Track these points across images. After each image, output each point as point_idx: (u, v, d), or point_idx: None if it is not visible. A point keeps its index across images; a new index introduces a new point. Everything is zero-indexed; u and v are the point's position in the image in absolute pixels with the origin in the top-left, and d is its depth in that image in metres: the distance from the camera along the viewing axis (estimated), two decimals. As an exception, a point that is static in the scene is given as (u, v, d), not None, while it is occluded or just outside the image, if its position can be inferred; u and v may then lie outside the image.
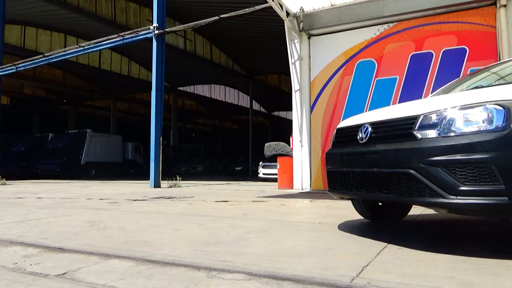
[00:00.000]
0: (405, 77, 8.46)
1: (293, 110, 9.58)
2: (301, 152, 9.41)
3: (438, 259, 2.34)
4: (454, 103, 2.50)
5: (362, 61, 8.97)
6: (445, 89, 4.05)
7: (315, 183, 9.22)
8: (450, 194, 2.30)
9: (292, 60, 9.47)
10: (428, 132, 2.48)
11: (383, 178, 2.70)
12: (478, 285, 1.85)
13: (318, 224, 3.81)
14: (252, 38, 22.37)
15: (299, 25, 9.46)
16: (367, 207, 3.72)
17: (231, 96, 36.91)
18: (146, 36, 12.10)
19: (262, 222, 3.97)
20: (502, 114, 2.27)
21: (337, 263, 2.29)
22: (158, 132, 11.38)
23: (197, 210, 5.22)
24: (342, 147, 3.34)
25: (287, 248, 2.72)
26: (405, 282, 1.90)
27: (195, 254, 2.56)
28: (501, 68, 3.96)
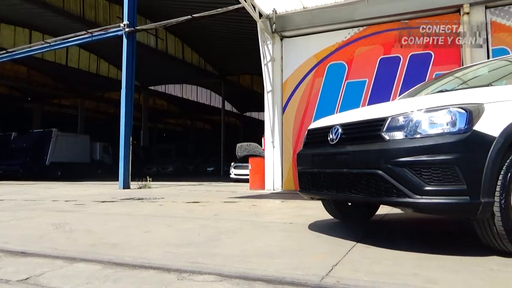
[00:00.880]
0: (374, 80, 8.68)
1: (265, 111, 9.62)
2: (273, 152, 9.45)
3: (404, 257, 2.41)
4: (420, 106, 2.58)
5: (333, 64, 9.13)
6: (411, 92, 4.18)
7: (286, 183, 9.29)
8: (415, 194, 2.37)
9: (265, 61, 9.51)
10: (395, 133, 2.55)
11: (353, 178, 2.76)
12: (441, 281, 1.92)
13: (289, 224, 3.84)
14: (225, 38, 22.29)
15: (271, 27, 9.51)
16: (337, 207, 3.78)
17: (203, 96, 36.62)
18: (116, 34, 11.81)
19: (233, 223, 3.96)
20: (464, 117, 2.36)
21: (308, 263, 2.31)
22: (128, 132, 11.14)
23: (167, 211, 5.15)
24: (313, 148, 3.38)
25: (259, 249, 2.72)
26: (373, 280, 1.94)
27: (165, 256, 2.52)
28: (464, 73, 4.13)
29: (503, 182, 2.30)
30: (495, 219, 2.29)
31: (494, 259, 2.32)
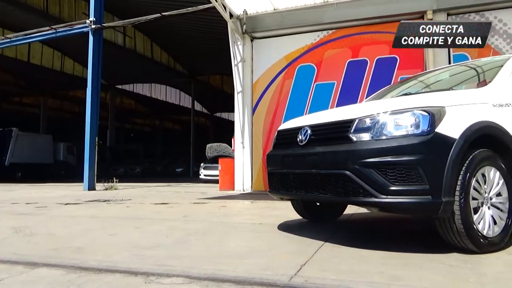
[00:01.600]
0: (342, 82, 8.86)
1: (235, 111, 9.61)
2: (243, 153, 9.45)
3: (370, 255, 2.47)
4: (386, 108, 2.66)
5: (302, 66, 9.24)
6: (378, 95, 4.30)
7: (256, 184, 9.31)
8: (381, 193, 2.43)
9: (235, 62, 9.50)
10: (362, 135, 2.61)
11: (321, 179, 2.80)
12: (405, 278, 1.98)
13: (258, 225, 3.85)
14: (195, 38, 22.06)
15: (242, 27, 9.51)
16: (306, 207, 3.83)
17: (173, 96, 36.10)
18: (81, 30, 11.43)
19: (202, 224, 3.93)
20: (427, 119, 2.45)
21: (277, 263, 2.33)
22: (93, 132, 10.80)
23: (134, 213, 5.03)
24: (283, 148, 3.40)
25: (228, 250, 2.71)
26: (340, 279, 1.98)
27: (132, 259, 2.46)
28: (427, 77, 4.29)
29: (463, 182, 2.41)
30: (455, 218, 2.39)
31: (454, 256, 2.42)
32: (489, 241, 2.49)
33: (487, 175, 2.57)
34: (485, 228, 2.50)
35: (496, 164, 2.61)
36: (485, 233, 2.49)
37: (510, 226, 2.62)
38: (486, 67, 3.62)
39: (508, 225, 2.61)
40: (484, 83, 3.14)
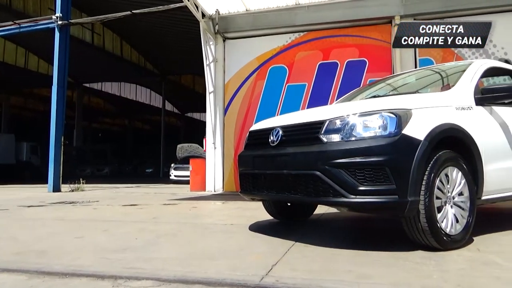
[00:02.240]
0: (313, 84, 8.98)
1: (207, 111, 9.55)
2: (214, 154, 9.40)
3: (340, 254, 2.52)
4: (355, 110, 2.72)
5: (274, 67, 9.30)
6: (348, 97, 4.39)
7: (227, 184, 9.28)
8: (350, 193, 2.49)
9: (207, 62, 9.43)
10: (332, 136, 2.66)
11: (292, 179, 2.83)
12: (373, 276, 2.03)
13: (230, 226, 3.84)
14: (167, 37, 21.74)
15: (214, 27, 9.46)
16: (277, 208, 3.85)
17: (143, 96, 35.43)
18: (47, 26, 11.01)
19: (173, 226, 3.87)
20: (394, 121, 2.53)
21: (248, 263, 2.33)
22: (59, 131, 10.43)
23: (102, 215, 4.90)
24: (254, 149, 3.41)
25: (199, 251, 2.69)
26: (310, 278, 2.00)
27: (100, 262, 2.39)
28: (394, 80, 4.42)
29: (428, 182, 2.50)
30: (420, 216, 2.48)
31: (419, 253, 2.50)
32: (451, 238, 2.59)
33: (450, 175, 2.67)
34: (448, 226, 2.60)
35: (458, 165, 2.72)
36: (448, 231, 2.59)
37: (471, 224, 2.74)
38: (449, 72, 3.77)
39: (469, 223, 2.73)
40: (448, 87, 3.27)
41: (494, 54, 7.93)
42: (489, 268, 2.17)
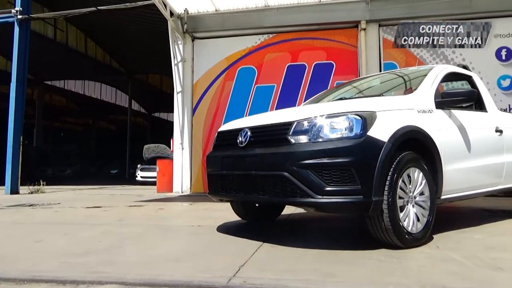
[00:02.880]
0: (282, 85, 9.07)
1: (175, 112, 9.42)
2: (182, 154, 9.29)
3: (307, 254, 2.55)
4: (322, 112, 2.76)
5: (243, 68, 9.31)
6: (315, 99, 4.46)
7: (195, 186, 9.19)
8: (317, 194, 2.52)
9: (175, 61, 9.31)
10: (300, 137, 2.69)
11: (260, 180, 2.84)
12: (339, 274, 2.07)
13: (197, 227, 3.80)
14: (134, 35, 21.22)
15: (183, 27, 9.36)
16: (245, 208, 3.85)
17: (108, 95, 34.45)
18: (6, 20, 10.47)
19: (139, 228, 3.79)
20: (360, 123, 2.59)
21: (215, 265, 2.31)
22: (17, 131, 9.95)
23: (64, 218, 4.72)
24: (223, 150, 3.40)
25: (165, 253, 2.64)
26: (278, 278, 2.02)
27: (61, 267, 2.30)
28: (360, 83, 4.54)
29: (391, 182, 2.58)
30: (384, 216, 2.55)
31: (382, 251, 2.58)
32: (413, 236, 2.69)
33: (412, 176, 2.77)
34: (409, 225, 2.70)
35: (419, 166, 2.83)
36: (409, 230, 2.68)
37: (431, 222, 2.86)
38: (412, 76, 3.91)
39: (429, 222, 2.85)
40: (410, 90, 3.39)
41: (453, 60, 8.31)
42: (447, 265, 2.27)
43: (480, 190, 3.65)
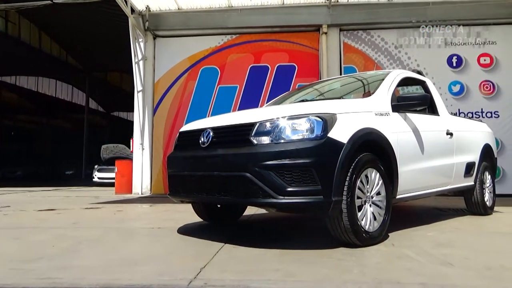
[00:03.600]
0: (244, 86, 9.10)
1: (135, 111, 9.19)
2: (142, 155, 9.08)
3: (267, 254, 2.57)
4: (284, 113, 2.79)
5: (206, 68, 9.25)
6: (278, 100, 4.50)
7: (155, 187, 9.01)
8: (279, 194, 2.55)
9: (136, 59, 9.09)
10: (262, 138, 2.70)
11: (223, 181, 2.82)
12: (299, 274, 2.10)
13: (157, 229, 3.72)
14: (93, 31, 20.45)
15: (144, 24, 9.15)
16: (206, 210, 3.81)
17: (64, 92, 32.97)
18: (-52, 10, 9.80)
19: (95, 231, 3.65)
20: (321, 125, 2.64)
21: (176, 267, 2.27)
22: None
23: (14, 222, 4.46)
24: (184, 150, 3.35)
25: (124, 257, 2.56)
26: (239, 279, 2.01)
27: (10, 273, 2.17)
28: (321, 86, 4.64)
29: (350, 182, 2.65)
30: (343, 215, 2.62)
31: (341, 250, 2.64)
32: (370, 235, 2.78)
33: (370, 176, 2.87)
34: (367, 224, 2.79)
35: (376, 166, 2.93)
36: (367, 228, 2.77)
37: (387, 221, 2.97)
38: (370, 80, 4.05)
39: (386, 220, 2.95)
40: (368, 94, 3.51)
41: (408, 65, 8.70)
42: (402, 261, 2.36)
43: (432, 190, 3.84)
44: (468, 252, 2.64)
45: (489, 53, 8.70)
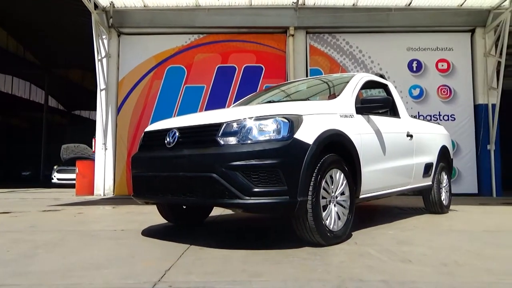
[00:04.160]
0: (211, 86, 9.04)
1: (98, 110, 8.91)
2: (105, 155, 8.82)
3: (233, 255, 2.56)
4: (251, 114, 2.80)
5: (172, 67, 9.12)
6: (245, 101, 4.51)
7: (119, 188, 8.78)
8: (245, 195, 2.55)
9: (99, 57, 8.81)
10: (229, 139, 2.70)
11: (189, 182, 2.79)
12: (265, 274, 2.11)
13: (120, 232, 3.62)
14: (53, 26, 19.62)
15: (108, 21, 8.90)
16: (172, 211, 3.76)
17: (21, 89, 31.40)
18: None
19: (54, 234, 3.50)
20: (287, 126, 2.67)
21: (140, 270, 2.22)
22: None
23: (-36, 225, 4.20)
24: (149, 151, 3.28)
25: (84, 260, 2.47)
26: (204, 280, 1.99)
27: (-42, 280, 2.04)
28: (288, 87, 4.69)
29: (315, 183, 2.69)
30: (308, 215, 2.66)
31: (306, 250, 2.68)
32: (334, 234, 2.84)
33: (334, 177, 2.93)
34: (331, 223, 2.84)
35: (341, 167, 3.00)
36: (331, 228, 2.83)
37: (351, 220, 3.05)
38: (335, 82, 4.13)
39: (349, 220, 3.03)
40: (334, 96, 3.58)
41: (372, 68, 8.97)
42: (365, 259, 2.43)
43: (393, 190, 3.98)
44: (426, 249, 2.75)
45: (446, 59, 9.14)
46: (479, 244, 3.02)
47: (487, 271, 2.18)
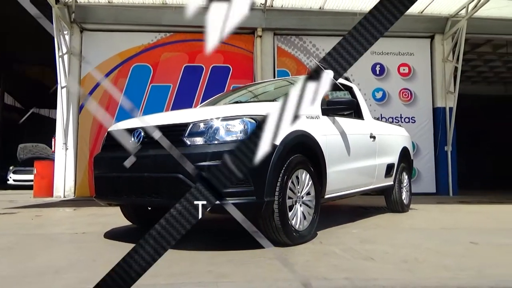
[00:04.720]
0: (178, 86, 8.92)
1: (58, 108, 8.55)
2: (66, 155, 8.49)
3: (200, 256, 2.54)
4: (218, 114, 2.79)
5: (138, 65, 8.92)
6: (212, 101, 4.49)
7: (80, 189, 8.47)
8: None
9: (60, 53, 8.46)
10: (196, 139, 2.67)
11: (154, 182, 2.74)
12: (231, 275, 2.10)
13: (81, 234, 3.50)
14: (9, 20, 18.69)
15: (70, 16, 8.57)
16: (136, 212, 3.68)
17: (-26, 85, 29.68)
18: None
19: (9, 238, 3.33)
20: (254, 126, 2.68)
21: (102, 274, 2.14)
22: None
23: None
24: (113, 151, 3.19)
25: (42, 265, 2.37)
26: (171, 282, 1.96)
27: None
28: (255, 88, 4.71)
29: (281, 183, 2.72)
30: (274, 215, 2.68)
31: (273, 250, 2.69)
32: (300, 234, 2.88)
33: (300, 177, 2.97)
34: (297, 223, 2.88)
35: (307, 168, 3.04)
36: (297, 228, 2.86)
37: (316, 220, 3.10)
38: (302, 84, 4.18)
39: (314, 219, 3.08)
40: (300, 97, 3.62)
41: (337, 72, 9.15)
42: (329, 258, 2.48)
43: (357, 190, 4.08)
44: (387, 247, 2.84)
45: (408, 63, 9.50)
46: (438, 241, 3.15)
47: (444, 267, 2.28)
